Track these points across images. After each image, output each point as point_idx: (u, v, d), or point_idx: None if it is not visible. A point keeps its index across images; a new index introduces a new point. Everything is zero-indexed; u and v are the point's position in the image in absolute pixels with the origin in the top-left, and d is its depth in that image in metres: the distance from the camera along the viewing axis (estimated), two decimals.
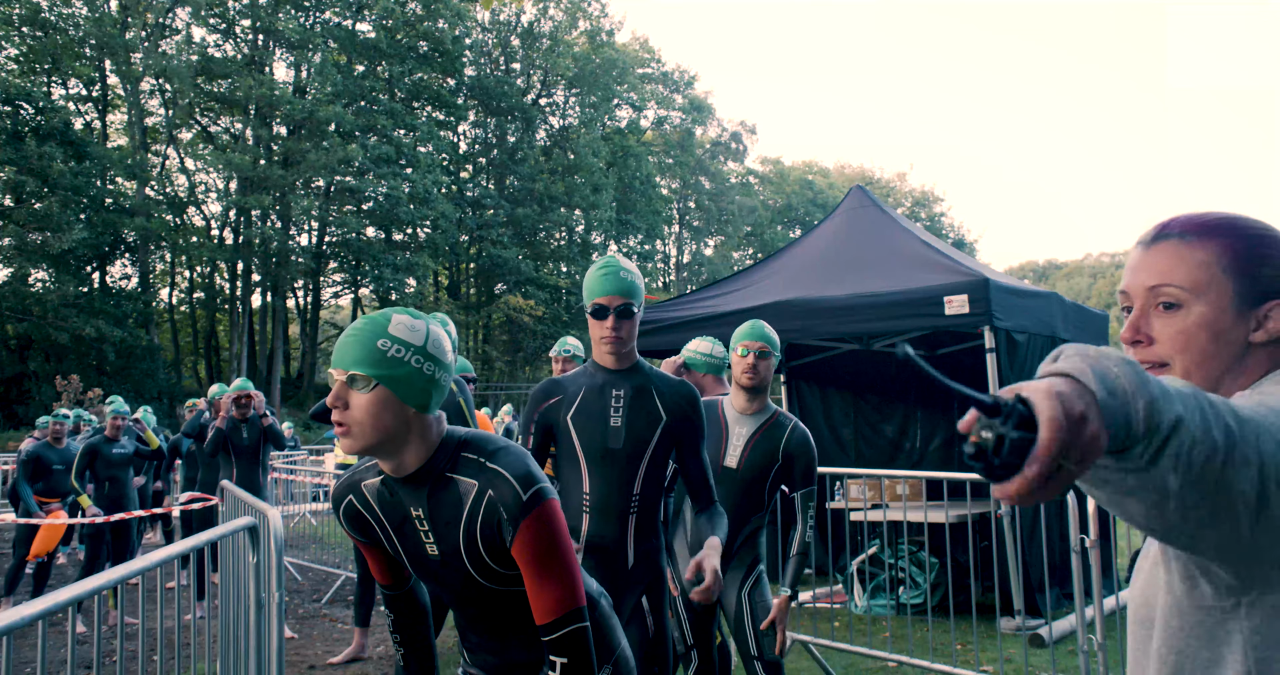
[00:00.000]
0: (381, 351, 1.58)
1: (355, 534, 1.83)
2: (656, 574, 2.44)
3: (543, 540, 1.61)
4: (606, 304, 2.36)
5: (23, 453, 7.66)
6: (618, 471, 2.42)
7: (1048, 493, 0.69)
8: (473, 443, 1.70)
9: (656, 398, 2.43)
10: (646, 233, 44.22)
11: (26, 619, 1.87)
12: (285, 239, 32.11)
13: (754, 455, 3.11)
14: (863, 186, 7.68)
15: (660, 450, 2.43)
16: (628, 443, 2.40)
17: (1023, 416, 0.69)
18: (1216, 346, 1.02)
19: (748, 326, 3.18)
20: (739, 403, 3.18)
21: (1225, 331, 1.02)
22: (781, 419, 3.17)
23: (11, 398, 25.85)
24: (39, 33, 28.31)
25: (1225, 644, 0.92)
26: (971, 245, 59.97)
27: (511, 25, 39.51)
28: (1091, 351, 0.76)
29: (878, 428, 8.19)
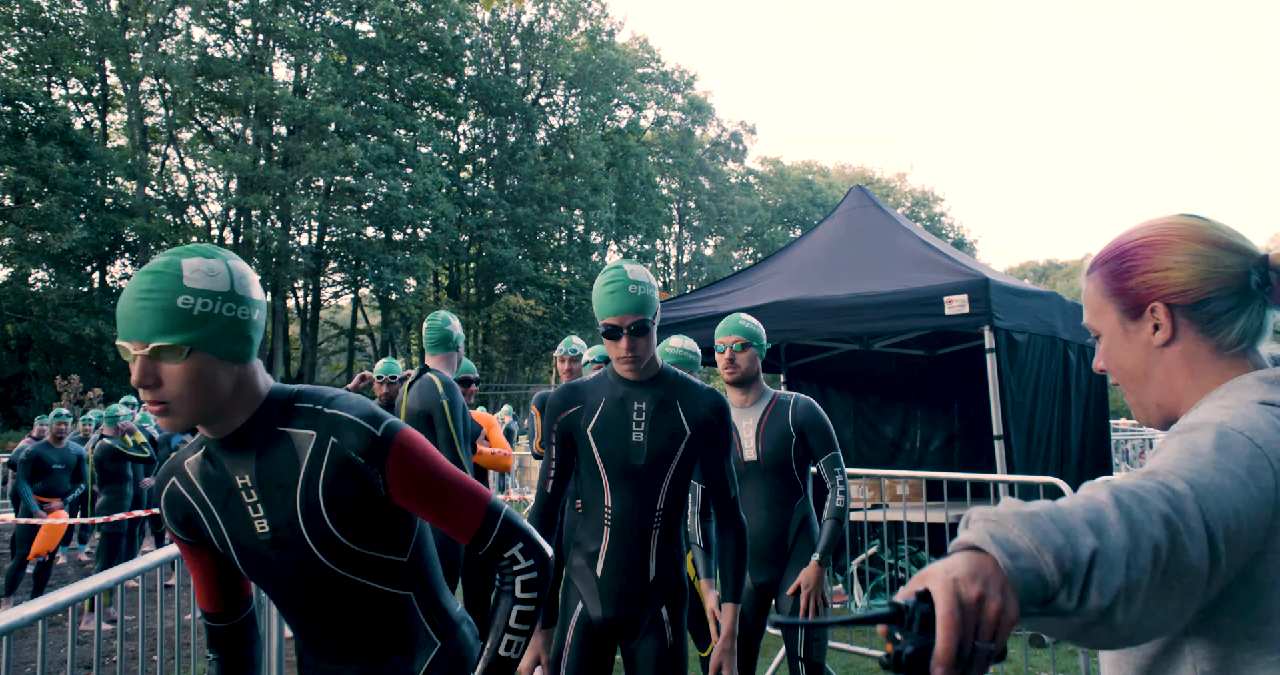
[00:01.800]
0: (185, 310, 1.31)
1: (180, 533, 1.55)
2: (677, 584, 2.37)
3: (419, 472, 1.43)
4: (618, 324, 2.23)
5: (22, 452, 7.66)
6: (640, 488, 2.31)
7: (978, 673, 0.71)
8: (306, 393, 1.48)
9: (680, 409, 2.31)
10: (646, 233, 44.21)
11: (26, 619, 1.88)
12: (285, 239, 32.12)
13: (768, 441, 3.10)
14: (863, 186, 7.68)
15: (684, 465, 2.33)
16: (650, 459, 2.29)
17: (925, 616, 0.70)
18: (1129, 364, 1.08)
19: (725, 322, 3.20)
20: (735, 398, 3.19)
21: (1125, 348, 1.08)
22: (782, 398, 3.18)
23: (11, 398, 25.85)
24: (39, 33, 28.30)
25: (1177, 666, 0.94)
26: (971, 245, 59.96)
27: (511, 25, 39.52)
28: (992, 515, 0.78)
29: (878, 428, 8.19)
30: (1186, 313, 1.03)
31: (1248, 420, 0.92)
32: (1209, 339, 1.03)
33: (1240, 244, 1.03)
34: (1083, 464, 6.55)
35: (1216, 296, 1.02)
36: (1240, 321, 1.02)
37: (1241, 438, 0.89)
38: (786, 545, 3.11)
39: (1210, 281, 1.02)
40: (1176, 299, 1.03)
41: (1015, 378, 5.72)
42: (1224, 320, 1.02)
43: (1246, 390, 0.99)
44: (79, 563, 9.93)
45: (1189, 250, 1.03)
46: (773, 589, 3.12)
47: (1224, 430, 0.90)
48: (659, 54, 47.45)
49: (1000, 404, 5.55)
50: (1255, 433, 0.90)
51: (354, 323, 39.42)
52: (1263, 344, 1.05)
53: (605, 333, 2.23)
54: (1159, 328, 1.04)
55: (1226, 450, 0.88)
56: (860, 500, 6.65)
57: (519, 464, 15.79)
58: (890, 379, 8.13)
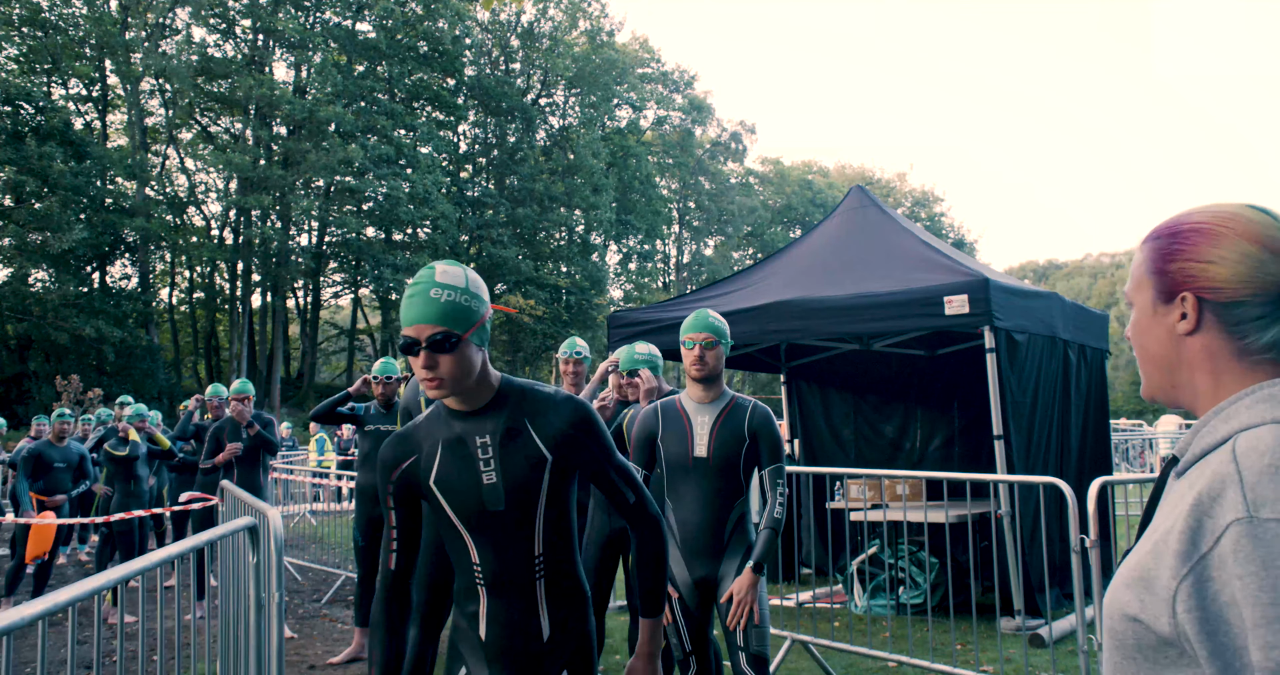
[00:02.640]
0: None
1: None
2: (581, 640, 2.02)
3: None
4: (414, 336, 1.80)
5: (23, 450, 7.67)
6: (508, 537, 1.93)
7: None
8: None
9: (533, 433, 1.92)
10: (646, 233, 44.22)
11: (26, 619, 1.88)
12: (285, 239, 32.13)
13: (721, 440, 3.12)
14: (863, 186, 7.68)
15: (557, 495, 1.95)
16: (510, 501, 1.91)
17: None
18: (1149, 342, 1.07)
19: (692, 317, 3.19)
20: (695, 393, 3.19)
21: (1151, 328, 1.06)
22: (741, 402, 3.19)
23: (11, 398, 25.85)
24: (39, 33, 28.32)
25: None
26: (971, 245, 59.97)
27: (511, 25, 39.52)
28: None
29: (878, 428, 8.19)
30: (1216, 309, 1.01)
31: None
32: (1235, 340, 1.00)
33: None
34: (1083, 464, 6.55)
35: (1251, 301, 0.99)
36: (1272, 331, 0.99)
37: None
38: (723, 541, 3.14)
39: (1248, 285, 0.99)
40: (1209, 294, 1.01)
41: (1015, 378, 5.72)
42: (1254, 326, 0.99)
43: (1277, 405, 0.95)
44: (79, 563, 9.93)
45: (1238, 248, 0.99)
46: (712, 583, 3.16)
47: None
48: (659, 54, 47.50)
49: (1000, 404, 5.55)
50: None
51: (354, 323, 39.43)
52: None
53: (402, 347, 1.83)
54: (1185, 317, 1.02)
55: None
56: (860, 500, 6.65)
57: None
58: (890, 379, 8.13)
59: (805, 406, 8.46)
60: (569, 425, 1.93)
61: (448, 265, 1.87)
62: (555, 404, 1.95)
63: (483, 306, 1.86)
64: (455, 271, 1.87)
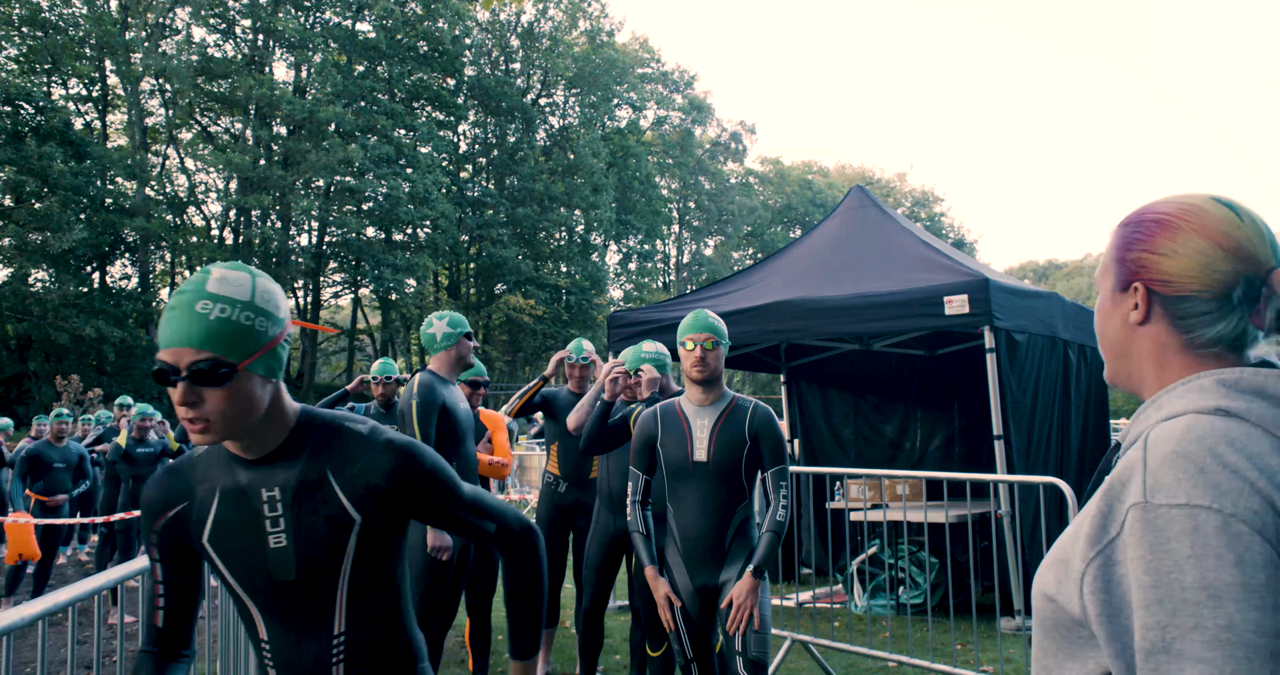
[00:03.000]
0: None
1: None
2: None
3: None
4: (171, 361, 1.39)
5: (22, 450, 7.67)
6: (300, 613, 1.54)
7: None
8: None
9: (336, 486, 1.50)
10: (646, 233, 44.20)
11: (26, 619, 1.88)
12: (285, 239, 32.13)
13: (722, 443, 3.06)
14: (863, 186, 7.69)
15: (368, 559, 1.54)
16: (303, 571, 1.51)
17: None
18: (1107, 329, 1.09)
19: (691, 318, 3.14)
20: (695, 395, 3.14)
21: (1109, 315, 1.08)
22: (741, 402, 3.13)
23: (11, 398, 25.85)
24: (39, 33, 28.31)
25: None
26: (971, 245, 59.96)
27: (511, 25, 39.53)
28: None
29: (878, 428, 8.19)
30: (1165, 302, 1.01)
31: (1210, 480, 0.87)
32: (1181, 333, 1.01)
33: (1252, 251, 0.98)
34: (1083, 464, 6.55)
35: (1199, 297, 0.99)
36: (1218, 327, 0.99)
37: (1218, 537, 0.84)
38: (724, 546, 3.09)
39: (1197, 280, 0.99)
40: (1159, 286, 1.02)
41: (1015, 378, 5.73)
42: (1200, 321, 0.99)
43: (1204, 395, 0.96)
44: (79, 563, 9.93)
45: (1191, 243, 1.00)
46: (713, 589, 3.11)
47: (1199, 538, 0.85)
48: (659, 54, 47.48)
49: (1000, 404, 5.55)
50: (1216, 492, 0.86)
51: (354, 323, 39.43)
52: (1255, 349, 1.01)
53: (154, 374, 1.43)
54: (1137, 307, 1.04)
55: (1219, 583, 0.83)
56: (860, 500, 6.65)
57: (519, 464, 15.81)
58: (890, 379, 8.13)
59: (805, 406, 8.46)
60: (385, 477, 1.51)
61: (229, 269, 1.45)
62: (370, 449, 1.52)
63: (274, 326, 1.45)
64: (237, 278, 1.43)
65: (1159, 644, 0.84)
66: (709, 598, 3.13)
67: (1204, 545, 0.84)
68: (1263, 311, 0.98)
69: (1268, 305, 0.97)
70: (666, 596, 3.08)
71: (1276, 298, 0.97)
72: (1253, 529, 0.84)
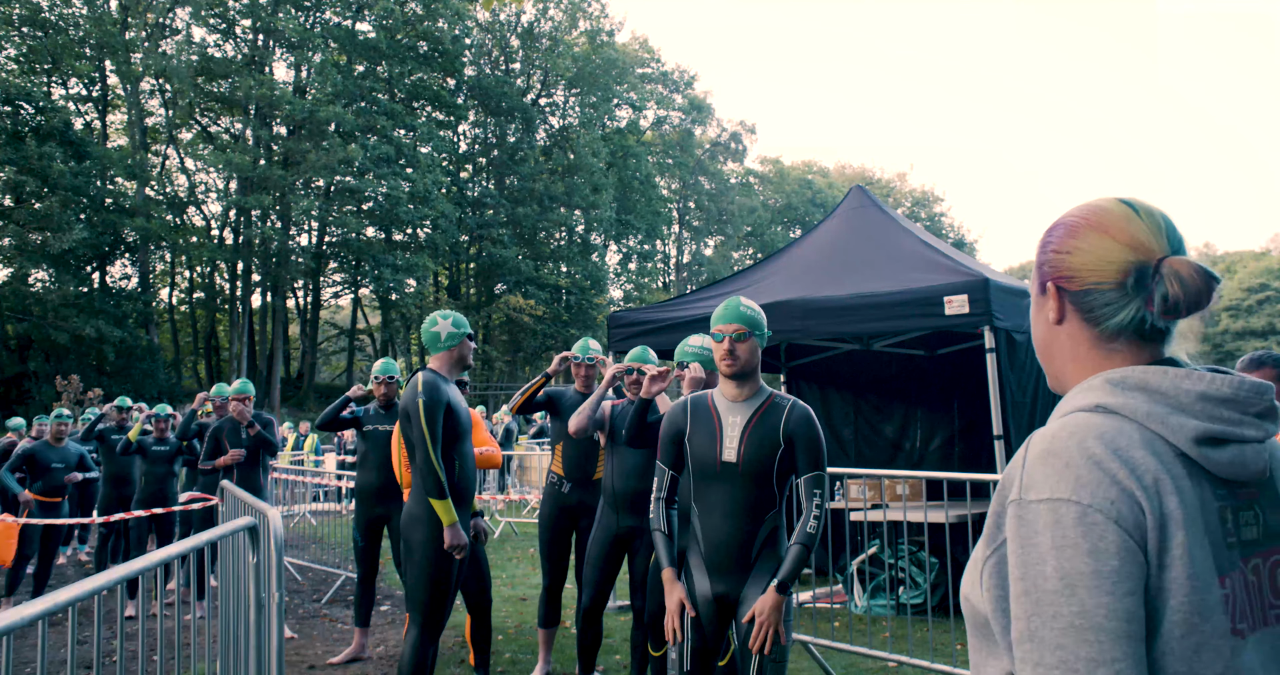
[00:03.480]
0: None
1: None
2: None
3: None
4: None
5: (19, 448, 7.67)
6: None
7: None
8: None
9: None
10: (646, 233, 44.22)
11: (26, 619, 1.88)
12: (285, 239, 32.13)
13: (753, 443, 2.81)
14: (863, 186, 7.69)
15: None
16: None
17: None
18: (1037, 333, 1.14)
19: (722, 306, 2.90)
20: (728, 391, 2.93)
21: (1036, 320, 1.13)
22: (779, 400, 2.91)
23: (11, 398, 25.85)
24: (39, 33, 28.32)
25: None
26: (971, 245, 59.96)
27: (511, 25, 39.53)
28: None
29: (878, 428, 8.19)
30: (1074, 298, 1.06)
31: (1072, 474, 0.92)
32: (1090, 328, 1.06)
33: (1145, 241, 1.02)
34: None
35: (1098, 289, 1.04)
36: (1121, 314, 1.03)
37: (1075, 528, 0.90)
38: (750, 556, 2.84)
39: (1094, 273, 1.04)
40: (1066, 282, 1.07)
41: (1015, 378, 5.73)
42: (1104, 312, 1.04)
43: (1089, 394, 1.02)
44: (79, 563, 9.94)
45: (1089, 239, 1.05)
46: (732, 601, 2.86)
47: (1060, 530, 0.90)
48: (659, 54, 47.48)
49: (1000, 404, 5.55)
50: (1077, 485, 0.91)
51: (354, 323, 39.43)
52: (1170, 345, 1.05)
53: None
54: (1054, 307, 1.09)
55: (1072, 570, 0.88)
56: (860, 500, 6.65)
57: (518, 464, 15.80)
58: (890, 379, 8.13)
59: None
60: None
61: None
62: None
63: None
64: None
65: (1025, 632, 0.90)
66: (726, 609, 2.89)
67: (1063, 537, 0.90)
68: (1153, 296, 1.02)
69: (1156, 290, 1.01)
70: (680, 603, 2.83)
71: (1163, 282, 1.01)
72: (1108, 518, 0.89)
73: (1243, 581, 0.95)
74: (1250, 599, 0.95)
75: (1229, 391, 0.97)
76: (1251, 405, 0.98)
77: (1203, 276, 1.00)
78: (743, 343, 2.88)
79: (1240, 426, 0.97)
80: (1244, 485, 0.99)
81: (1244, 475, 0.97)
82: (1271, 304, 55.51)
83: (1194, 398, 0.97)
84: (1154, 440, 0.96)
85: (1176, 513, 0.91)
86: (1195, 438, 0.95)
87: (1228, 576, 0.93)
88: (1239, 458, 0.96)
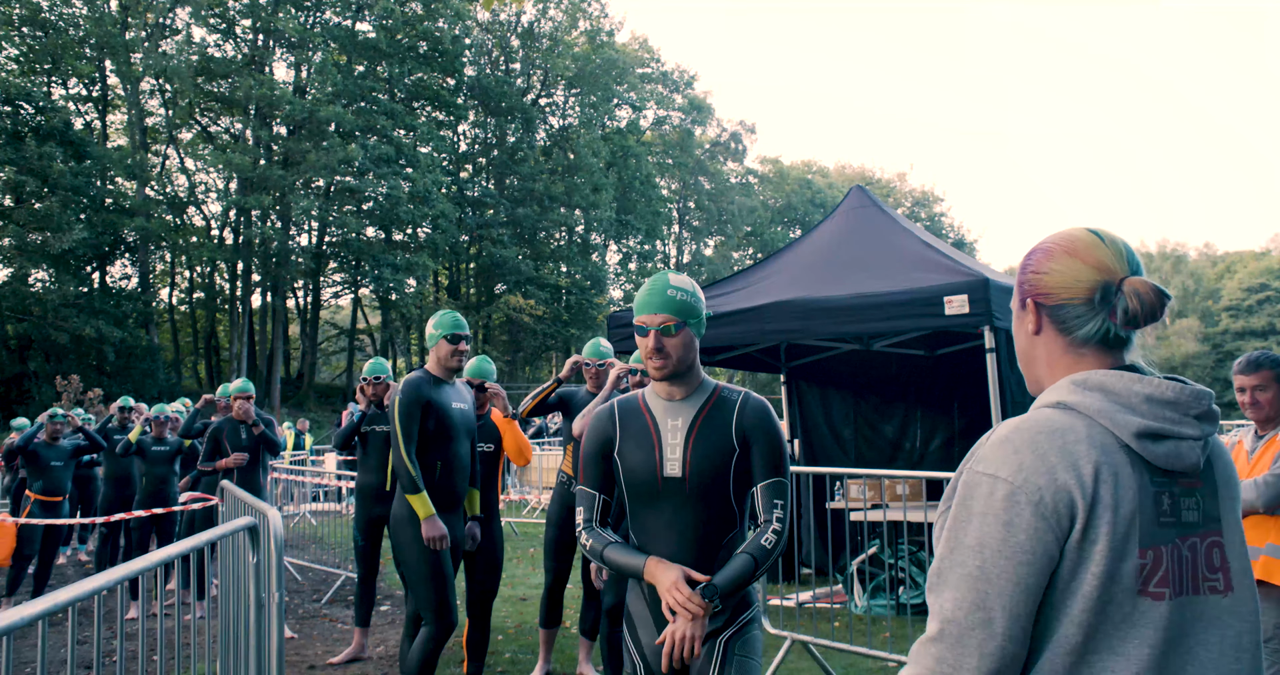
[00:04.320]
0: None
1: None
2: None
3: None
4: None
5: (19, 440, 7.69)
6: None
7: None
8: None
9: None
10: (646, 233, 44.22)
11: (26, 619, 1.87)
12: (285, 239, 32.13)
13: (700, 451, 2.24)
14: (863, 186, 7.68)
15: None
16: None
17: None
18: (1020, 344, 1.33)
19: (645, 290, 2.30)
20: (662, 390, 2.34)
21: (1018, 331, 1.33)
22: (726, 394, 2.33)
23: (11, 398, 25.84)
24: (39, 33, 28.32)
25: None
26: (971, 245, 59.94)
27: (511, 25, 39.53)
28: None
29: (878, 428, 8.19)
30: (1050, 312, 1.26)
31: (1016, 459, 1.13)
32: (1063, 337, 1.25)
33: (1109, 264, 1.22)
34: None
35: (1070, 304, 1.24)
36: (1087, 327, 1.23)
37: (1001, 502, 1.12)
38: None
39: (1067, 290, 1.24)
40: (1043, 299, 1.26)
41: (1015, 378, 5.72)
42: (1075, 323, 1.24)
43: (1055, 393, 1.21)
44: (79, 563, 9.94)
45: (1062, 262, 1.25)
46: None
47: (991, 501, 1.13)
48: (659, 54, 47.50)
49: (1000, 404, 5.55)
50: (1017, 469, 1.12)
51: (354, 323, 39.42)
52: (1130, 352, 1.24)
53: None
54: (1032, 320, 1.28)
55: (989, 547, 1.11)
56: (860, 500, 6.65)
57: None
58: (890, 379, 8.13)
59: (805, 406, 8.46)
60: None
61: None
62: None
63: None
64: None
65: (937, 569, 1.15)
66: None
67: (990, 507, 1.12)
68: (1116, 310, 1.21)
69: (1118, 304, 1.21)
70: (678, 577, 2.16)
71: (1123, 298, 1.20)
72: (1029, 501, 1.11)
73: (1175, 555, 1.14)
74: (1181, 569, 1.14)
75: (1172, 395, 1.16)
76: (1191, 408, 1.16)
77: (1157, 294, 1.19)
78: (672, 337, 2.24)
79: (1179, 425, 1.15)
80: (1185, 475, 1.17)
81: (1179, 467, 1.15)
82: (1271, 304, 55.48)
83: (1141, 399, 1.16)
84: (1103, 434, 1.14)
85: (1108, 498, 1.10)
86: (1136, 432, 1.14)
87: (1151, 549, 1.12)
88: (1174, 451, 1.14)
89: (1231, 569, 1.19)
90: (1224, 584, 1.18)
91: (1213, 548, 1.18)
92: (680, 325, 2.24)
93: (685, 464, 2.25)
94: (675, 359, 2.25)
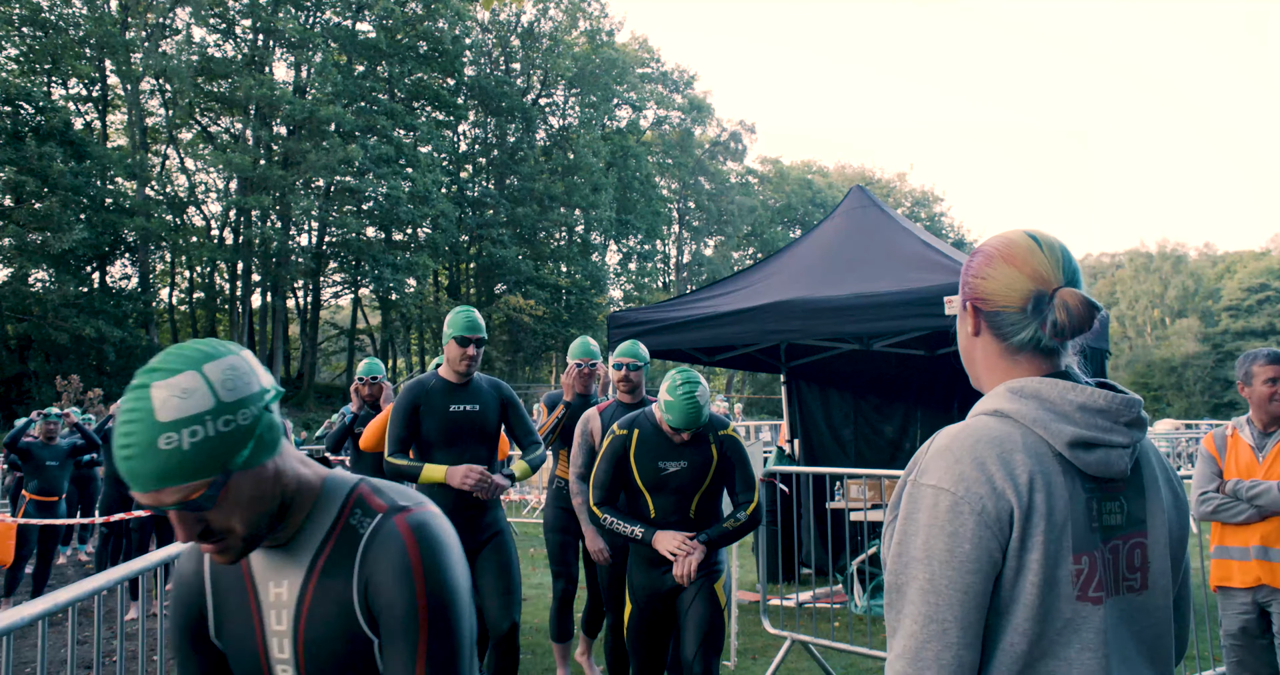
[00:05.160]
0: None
1: None
2: None
3: None
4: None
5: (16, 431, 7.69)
6: None
7: None
8: None
9: None
10: (646, 233, 44.22)
11: (26, 619, 1.88)
12: (285, 239, 32.12)
13: None
14: (863, 186, 7.68)
15: None
16: None
17: None
18: (961, 344, 1.34)
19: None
20: None
21: (960, 332, 1.34)
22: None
23: (11, 398, 25.84)
24: (39, 33, 28.31)
25: None
26: (971, 245, 59.78)
27: (511, 25, 39.52)
28: None
29: (878, 428, 8.19)
30: (988, 316, 1.28)
31: (957, 470, 1.15)
32: (1000, 342, 1.27)
33: (1043, 273, 1.23)
34: None
35: (1005, 310, 1.25)
36: (1021, 334, 1.25)
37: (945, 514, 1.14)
38: None
39: (1002, 298, 1.25)
40: (981, 303, 1.28)
41: None
42: (1010, 329, 1.25)
43: (992, 400, 1.24)
44: (79, 563, 9.93)
45: (999, 268, 1.26)
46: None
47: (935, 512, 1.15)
48: (659, 54, 47.50)
49: None
50: (958, 480, 1.14)
51: (354, 323, 39.42)
52: (1065, 356, 1.26)
53: None
54: (971, 322, 1.30)
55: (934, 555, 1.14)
56: (860, 500, 6.65)
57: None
58: (890, 379, 8.13)
59: (805, 406, 8.46)
60: None
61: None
62: None
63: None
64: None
65: (894, 584, 1.18)
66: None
67: (936, 518, 1.14)
68: (1046, 320, 1.23)
69: (1048, 316, 1.22)
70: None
71: (1053, 310, 1.22)
72: (973, 511, 1.13)
73: (1102, 559, 1.16)
74: (1106, 572, 1.17)
75: (1104, 404, 1.18)
76: (1121, 416, 1.19)
77: (1086, 306, 1.21)
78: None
79: (1110, 433, 1.17)
80: (1111, 481, 1.19)
81: (1108, 474, 1.17)
82: (1271, 304, 55.50)
83: (1074, 407, 1.18)
84: (1038, 443, 1.17)
85: (1042, 506, 1.13)
86: (1069, 442, 1.16)
87: (1085, 554, 1.14)
88: (1104, 459, 1.17)
89: (1151, 569, 1.22)
90: (1140, 582, 1.21)
91: (1135, 548, 1.21)
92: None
93: None
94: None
